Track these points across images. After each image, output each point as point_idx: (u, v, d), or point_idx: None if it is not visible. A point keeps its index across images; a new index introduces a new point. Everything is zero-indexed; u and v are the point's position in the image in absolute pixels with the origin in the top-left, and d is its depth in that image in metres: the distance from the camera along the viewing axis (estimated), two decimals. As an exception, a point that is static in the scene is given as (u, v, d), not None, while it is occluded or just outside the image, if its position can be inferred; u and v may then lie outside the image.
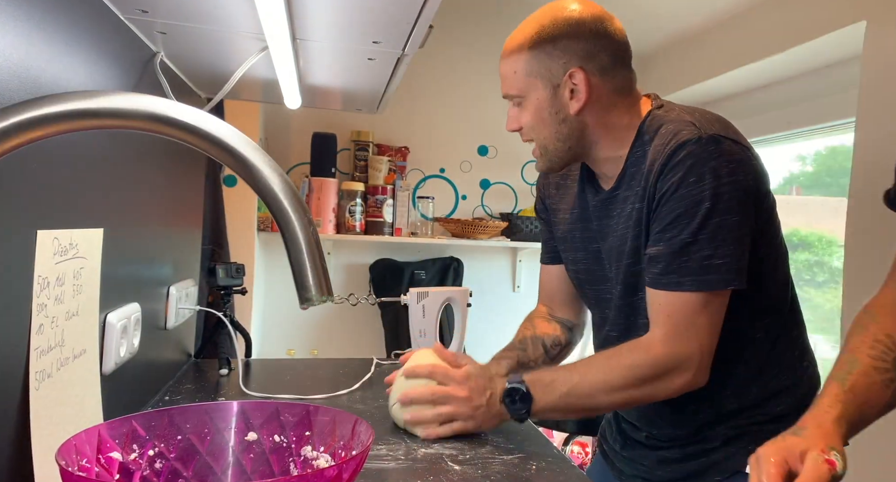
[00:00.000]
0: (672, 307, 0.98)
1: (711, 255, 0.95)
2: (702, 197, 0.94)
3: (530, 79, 1.03)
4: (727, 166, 0.95)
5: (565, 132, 1.05)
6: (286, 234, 0.50)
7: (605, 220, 1.11)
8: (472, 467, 0.94)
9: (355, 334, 2.90)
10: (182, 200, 1.42)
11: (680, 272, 0.96)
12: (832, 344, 2.40)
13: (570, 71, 1.01)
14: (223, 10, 0.97)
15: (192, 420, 0.73)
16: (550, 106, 1.03)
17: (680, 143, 0.96)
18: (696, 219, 0.95)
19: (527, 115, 1.06)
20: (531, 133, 1.07)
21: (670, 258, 0.97)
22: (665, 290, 0.98)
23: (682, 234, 0.96)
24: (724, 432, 1.06)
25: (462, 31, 2.95)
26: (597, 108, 1.04)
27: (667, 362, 0.98)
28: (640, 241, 1.03)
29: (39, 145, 0.47)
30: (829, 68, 2.12)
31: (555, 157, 1.08)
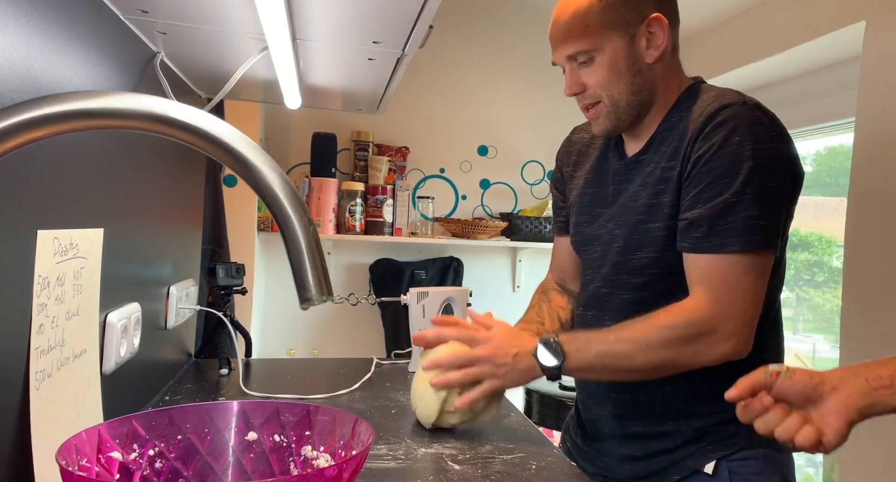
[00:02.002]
0: (715, 269, 0.95)
1: (756, 216, 0.93)
2: (745, 156, 0.92)
3: (604, 30, 0.99)
4: (770, 131, 0.95)
5: (640, 84, 1.02)
6: (286, 234, 0.50)
7: (625, 184, 1.08)
8: (472, 467, 0.94)
9: (355, 334, 2.90)
10: (182, 200, 1.42)
11: (724, 233, 0.93)
12: (832, 344, 2.40)
13: (648, 18, 0.99)
14: (223, 10, 0.97)
15: (192, 420, 0.73)
16: (627, 56, 1.01)
17: (724, 105, 0.96)
18: (739, 177, 0.92)
19: (597, 71, 1.02)
20: (602, 90, 1.03)
21: (713, 220, 0.94)
22: (708, 254, 0.95)
23: (724, 193, 0.93)
24: (689, 430, 1.04)
25: (462, 31, 2.95)
26: (665, 60, 1.03)
27: (708, 324, 0.94)
28: (658, 200, 1.01)
29: (39, 145, 0.47)
30: (829, 68, 2.12)
31: (625, 113, 1.04)
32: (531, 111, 3.02)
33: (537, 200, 3.06)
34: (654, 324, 0.97)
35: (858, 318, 1.66)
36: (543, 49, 1.11)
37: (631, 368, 0.98)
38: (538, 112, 3.01)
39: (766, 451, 1.02)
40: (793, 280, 2.62)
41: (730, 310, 0.94)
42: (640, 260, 1.04)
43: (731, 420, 1.02)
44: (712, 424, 1.03)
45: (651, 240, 1.02)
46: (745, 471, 1.00)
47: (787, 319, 2.74)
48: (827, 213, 2.58)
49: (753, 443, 1.01)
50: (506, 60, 3.01)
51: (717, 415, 1.03)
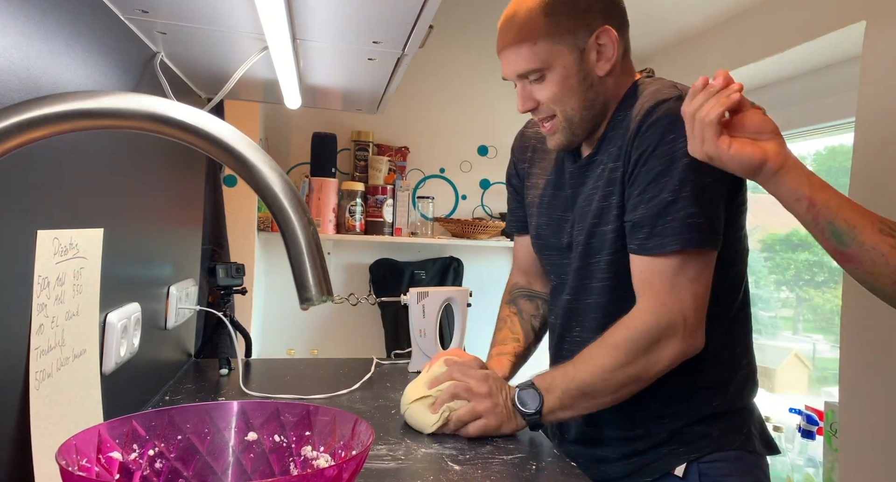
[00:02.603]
0: (652, 273, 0.96)
1: (694, 214, 0.93)
2: (680, 153, 0.93)
3: (553, 47, 0.98)
4: None
5: (591, 98, 1.01)
6: (286, 234, 0.50)
7: (580, 187, 1.08)
8: (472, 467, 0.94)
9: (355, 334, 2.90)
10: (182, 200, 1.42)
11: (664, 233, 0.94)
12: (832, 344, 2.40)
13: (597, 31, 0.98)
14: (223, 10, 0.97)
15: (192, 420, 0.73)
16: (578, 72, 0.99)
17: (659, 101, 0.96)
18: (676, 175, 0.93)
19: (549, 88, 1.01)
20: (555, 106, 1.02)
21: (654, 220, 0.95)
22: (648, 256, 0.96)
23: (662, 192, 0.94)
24: (662, 431, 1.04)
25: (462, 31, 2.95)
26: (616, 68, 1.02)
27: (651, 331, 0.95)
28: (608, 202, 1.02)
29: (39, 145, 0.47)
30: (829, 68, 2.12)
31: (579, 127, 1.04)
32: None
33: (537, 200, 3.06)
34: (604, 345, 0.98)
35: (858, 318, 1.66)
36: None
37: (597, 395, 0.99)
38: (538, 112, 3.01)
39: (737, 453, 1.02)
40: (793, 280, 2.61)
41: (669, 311, 0.95)
42: (598, 264, 1.04)
43: (702, 419, 1.03)
44: (684, 425, 1.03)
45: (605, 243, 1.03)
46: (715, 474, 1.00)
47: (787, 319, 2.75)
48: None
49: (724, 445, 1.01)
50: (506, 60, 3.00)
51: (689, 414, 1.03)
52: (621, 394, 1.00)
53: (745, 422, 1.05)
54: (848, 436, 1.65)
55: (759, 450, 1.04)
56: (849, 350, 1.67)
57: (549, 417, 1.01)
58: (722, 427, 1.03)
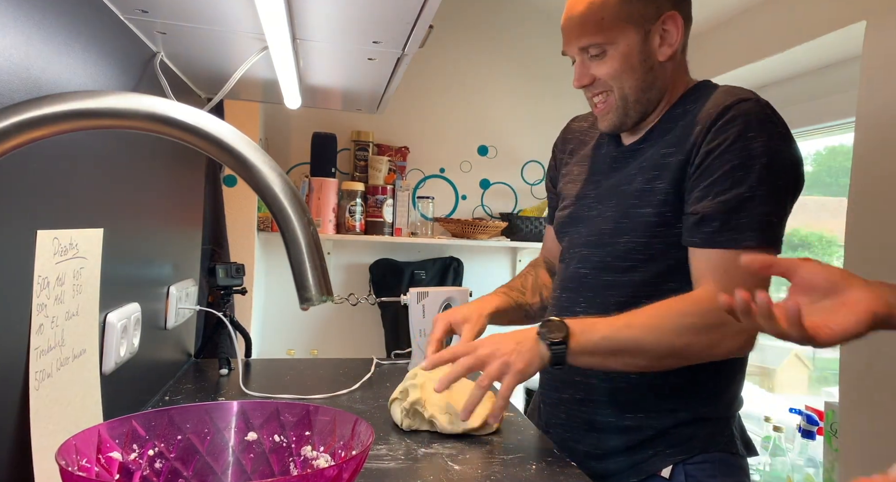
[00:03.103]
0: (729, 263, 0.93)
1: (770, 213, 0.92)
2: (759, 152, 0.92)
3: (621, 23, 0.98)
4: (781, 131, 0.95)
5: (650, 81, 1.02)
6: (286, 234, 0.50)
7: (619, 171, 1.07)
8: (472, 467, 0.94)
9: (355, 334, 2.90)
10: (182, 200, 1.42)
11: (739, 228, 0.92)
12: (832, 344, 2.40)
13: (664, 15, 0.99)
14: (223, 10, 0.97)
15: (192, 420, 0.73)
16: (640, 52, 1.00)
17: (740, 99, 0.96)
18: (754, 173, 0.92)
19: (609, 64, 1.00)
20: (612, 83, 1.02)
21: (728, 215, 0.93)
22: (721, 248, 0.93)
23: (738, 187, 0.92)
24: (650, 428, 1.03)
25: (462, 31, 2.95)
26: (676, 58, 1.03)
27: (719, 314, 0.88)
28: (652, 186, 1.00)
29: (39, 145, 0.47)
30: (829, 68, 2.12)
31: (633, 109, 1.03)
32: (531, 111, 3.02)
33: (537, 200, 3.06)
34: (667, 309, 0.93)
35: (858, 318, 1.66)
36: (544, 49, 1.11)
37: (640, 353, 0.93)
38: (538, 112, 3.01)
39: (722, 456, 1.02)
40: (793, 280, 2.61)
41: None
42: (627, 244, 1.03)
43: (691, 421, 1.03)
44: (673, 425, 1.03)
45: (640, 225, 1.01)
46: (701, 475, 1.00)
47: (787, 319, 2.73)
48: (827, 213, 2.58)
49: (710, 447, 1.02)
50: (506, 60, 3.01)
51: (678, 413, 1.03)
52: (663, 364, 0.95)
53: (729, 425, 1.06)
54: (848, 436, 1.64)
55: (741, 451, 1.05)
56: (849, 350, 1.67)
57: (577, 357, 0.93)
58: (709, 430, 1.03)
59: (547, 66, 2.95)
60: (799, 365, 2.67)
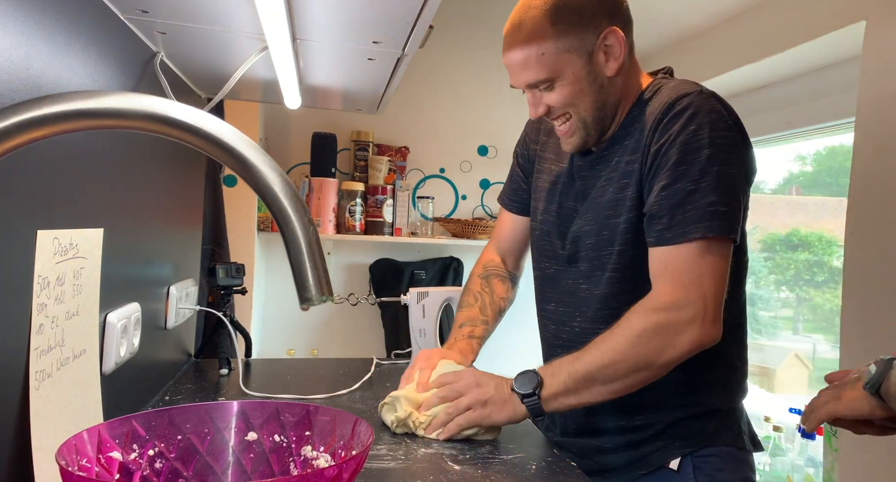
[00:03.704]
0: (675, 259, 0.94)
1: (716, 202, 0.92)
2: (701, 144, 0.93)
3: (561, 55, 0.98)
4: (726, 120, 0.95)
5: (603, 98, 1.02)
6: (286, 234, 0.50)
7: (591, 180, 1.08)
8: (472, 467, 0.94)
9: (355, 334, 2.90)
10: (182, 200, 1.42)
11: (684, 223, 0.93)
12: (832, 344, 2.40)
13: (603, 32, 0.98)
14: (223, 10, 0.97)
15: (192, 420, 0.73)
16: (587, 75, 1.00)
17: (681, 95, 0.97)
18: (696, 165, 0.93)
19: (560, 93, 1.01)
20: (567, 109, 1.03)
21: (674, 211, 0.94)
22: (668, 245, 0.94)
23: (681, 181, 0.93)
24: (659, 424, 1.04)
25: (462, 31, 2.95)
26: (624, 67, 1.03)
27: (668, 314, 0.93)
28: (623, 194, 1.02)
29: (39, 145, 0.47)
30: (829, 68, 2.12)
31: (593, 128, 1.04)
32: (531, 111, 3.02)
33: (537, 200, 3.06)
34: (619, 330, 0.95)
35: (858, 318, 1.66)
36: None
37: (608, 378, 0.95)
38: (538, 112, 3.01)
39: (728, 449, 1.03)
40: (793, 280, 2.61)
41: (692, 296, 0.93)
42: (610, 254, 1.04)
43: (699, 415, 1.03)
44: (682, 418, 1.03)
45: (618, 234, 1.03)
46: (708, 468, 1.02)
47: (788, 319, 2.75)
48: (827, 213, 2.58)
49: (717, 440, 1.03)
50: (506, 60, 3.00)
51: (687, 408, 1.03)
52: (632, 381, 0.96)
53: (737, 420, 1.07)
54: (848, 436, 1.64)
55: (748, 447, 1.07)
56: (849, 350, 1.67)
57: (551, 403, 0.97)
58: (717, 424, 1.04)
59: (547, 66, 2.95)
60: (799, 365, 2.67)
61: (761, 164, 1.09)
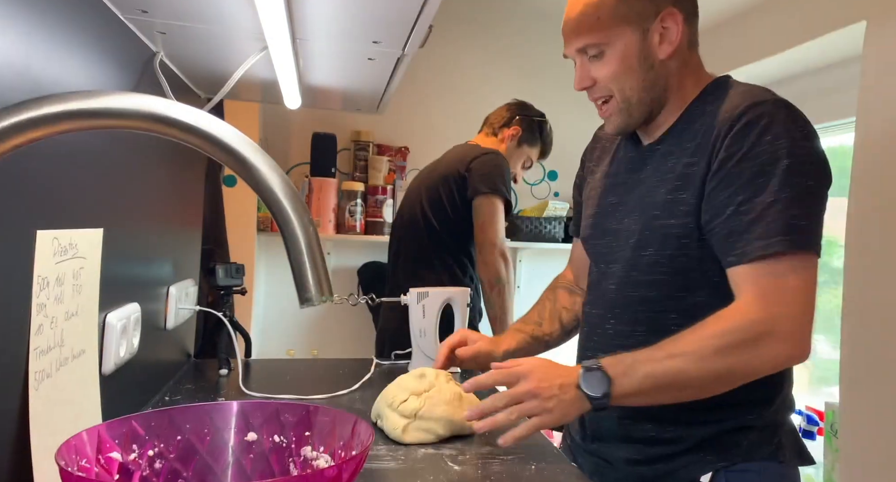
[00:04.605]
0: (763, 273, 0.89)
1: (797, 215, 0.89)
2: (780, 155, 0.89)
3: (617, 23, 0.97)
4: (803, 130, 0.92)
5: (652, 80, 1.00)
6: (286, 234, 0.50)
7: (637, 172, 1.05)
8: (472, 467, 0.94)
9: (355, 334, 2.90)
10: (182, 200, 1.42)
11: (766, 236, 0.89)
12: (832, 344, 2.40)
13: (662, 12, 0.98)
14: (223, 10, 0.97)
15: (192, 420, 0.73)
16: (639, 51, 0.98)
17: (755, 102, 0.93)
18: (776, 177, 0.89)
19: (608, 65, 0.99)
20: (613, 85, 1.00)
21: (753, 226, 0.90)
22: (753, 262, 0.90)
23: (760, 195, 0.89)
24: (692, 438, 1.00)
25: (462, 31, 2.95)
26: (680, 56, 1.01)
27: (762, 326, 0.88)
28: (676, 196, 0.98)
29: (39, 145, 0.47)
30: (829, 68, 2.12)
31: (637, 110, 1.02)
32: (531, 111, 3.02)
33: (537, 200, 3.06)
34: (704, 333, 0.91)
35: (858, 318, 1.66)
36: (544, 49, 1.12)
37: (685, 385, 0.91)
38: (538, 112, 3.01)
39: (765, 464, 0.99)
40: (793, 280, 2.61)
41: (784, 311, 0.88)
42: (651, 257, 1.00)
43: (735, 429, 0.99)
44: (716, 433, 1.00)
45: (665, 237, 0.99)
46: None
47: (787, 319, 2.73)
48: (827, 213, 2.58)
49: (754, 455, 0.99)
50: (506, 60, 3.00)
51: (722, 422, 1.00)
52: (712, 388, 0.93)
53: (776, 433, 1.02)
54: (848, 436, 1.65)
55: (790, 460, 1.01)
56: (849, 350, 1.67)
57: (619, 401, 0.92)
58: (752, 438, 1.00)
59: (547, 66, 2.95)
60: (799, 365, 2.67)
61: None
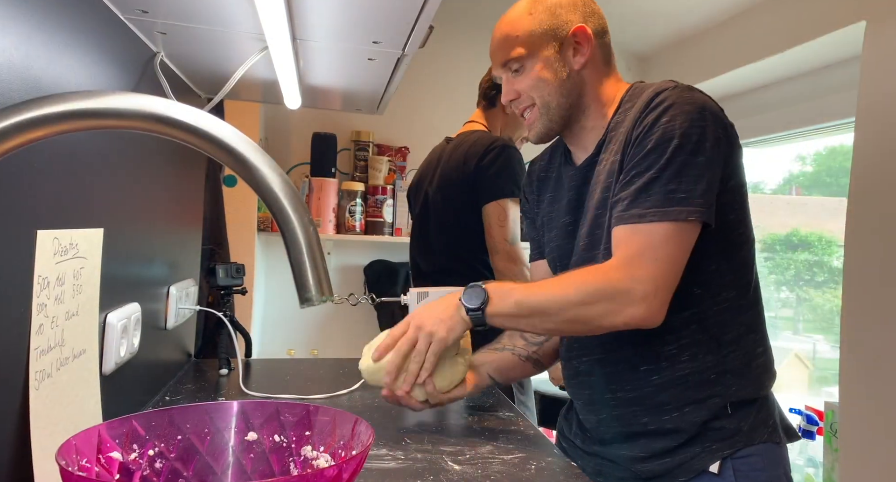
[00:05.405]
0: (631, 238, 0.98)
1: (675, 190, 0.96)
2: (671, 135, 0.97)
3: (532, 40, 1.09)
4: (700, 111, 0.99)
5: (568, 87, 1.10)
6: (286, 234, 0.50)
7: (583, 187, 1.12)
8: (472, 467, 0.94)
9: (355, 334, 2.90)
10: (182, 200, 1.42)
11: (642, 206, 0.97)
12: (832, 344, 2.40)
13: (573, 29, 1.09)
14: (223, 10, 0.97)
15: (192, 420, 0.73)
16: (555, 62, 1.09)
17: (658, 91, 1.03)
18: (664, 155, 0.97)
19: (527, 77, 1.11)
20: (533, 93, 1.11)
21: (634, 195, 0.98)
22: (626, 224, 0.98)
23: (648, 170, 0.98)
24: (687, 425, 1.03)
25: (462, 31, 2.95)
26: (593, 68, 1.11)
27: (619, 284, 0.96)
28: (610, 192, 1.05)
29: (39, 145, 0.47)
30: (829, 68, 2.12)
31: (556, 114, 1.11)
32: (531, 111, 3.02)
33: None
34: (573, 280, 1.01)
35: (858, 318, 1.66)
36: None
37: (546, 317, 1.02)
38: (538, 112, 3.01)
39: (766, 446, 1.03)
40: (793, 280, 2.61)
41: (643, 274, 0.96)
42: (603, 255, 1.06)
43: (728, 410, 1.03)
44: (711, 417, 1.03)
45: (607, 233, 1.05)
46: (747, 469, 1.02)
47: (787, 319, 2.75)
48: (827, 213, 2.58)
49: (755, 439, 1.03)
50: (506, 60, 3.00)
51: (714, 399, 1.03)
52: (570, 329, 1.06)
53: (771, 413, 1.07)
54: (848, 436, 1.65)
55: (783, 439, 1.07)
56: (849, 350, 1.67)
57: (493, 319, 1.04)
58: (751, 420, 1.04)
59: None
60: (799, 365, 2.67)
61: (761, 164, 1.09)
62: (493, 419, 1.19)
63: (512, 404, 1.29)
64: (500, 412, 1.23)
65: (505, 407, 1.27)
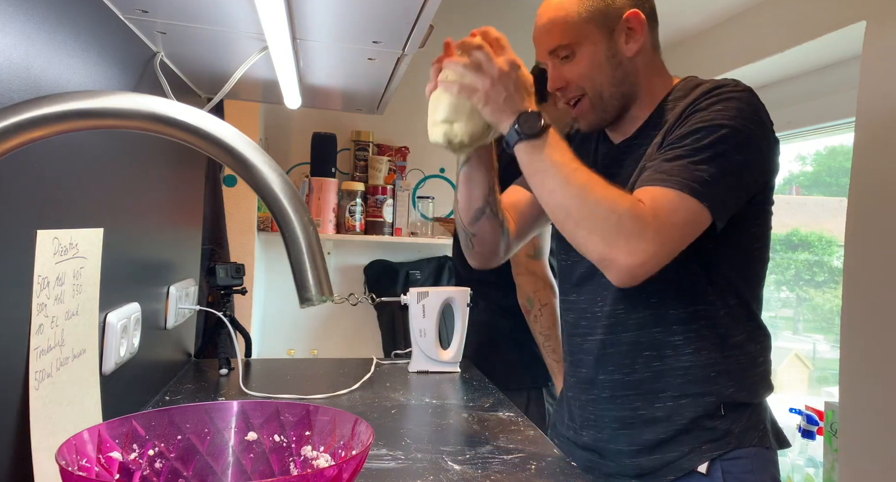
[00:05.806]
0: (657, 196, 0.93)
1: (707, 171, 0.92)
2: (722, 123, 0.94)
3: (583, 26, 1.04)
4: (756, 116, 0.96)
5: (621, 76, 1.05)
6: (286, 234, 0.50)
7: (616, 168, 1.08)
8: (472, 467, 0.94)
9: (355, 334, 2.90)
10: (182, 200, 1.42)
11: (669, 172, 0.93)
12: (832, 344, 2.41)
13: (626, 13, 1.04)
14: (223, 10, 0.97)
15: (192, 420, 0.73)
16: (607, 50, 1.04)
17: (720, 84, 1.00)
18: (707, 138, 0.93)
19: (578, 65, 1.05)
20: (584, 83, 1.05)
21: (663, 164, 0.95)
22: (653, 186, 0.94)
23: (685, 148, 0.94)
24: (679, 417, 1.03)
25: (462, 31, 2.94)
26: (645, 55, 1.06)
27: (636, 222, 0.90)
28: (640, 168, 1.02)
29: (39, 145, 0.47)
30: (829, 68, 2.12)
31: (609, 104, 1.07)
32: (531, 111, 3.02)
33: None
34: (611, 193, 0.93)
35: (858, 318, 1.66)
36: (543, 49, 1.13)
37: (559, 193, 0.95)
38: (538, 112, 3.01)
39: (756, 450, 1.03)
40: (793, 280, 2.61)
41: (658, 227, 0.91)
42: None
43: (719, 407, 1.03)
44: (703, 414, 1.03)
45: None
46: (737, 471, 1.02)
47: (787, 319, 2.75)
48: (827, 213, 2.58)
49: (745, 441, 1.03)
50: (506, 60, 3.00)
51: (707, 397, 1.03)
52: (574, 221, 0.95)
53: (762, 418, 1.07)
54: (848, 436, 1.65)
55: (773, 445, 1.07)
56: (849, 350, 1.67)
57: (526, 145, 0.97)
58: (743, 423, 1.04)
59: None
60: (799, 365, 2.68)
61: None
62: (493, 419, 1.19)
63: (512, 404, 1.29)
64: (501, 412, 1.23)
65: (505, 407, 1.27)
